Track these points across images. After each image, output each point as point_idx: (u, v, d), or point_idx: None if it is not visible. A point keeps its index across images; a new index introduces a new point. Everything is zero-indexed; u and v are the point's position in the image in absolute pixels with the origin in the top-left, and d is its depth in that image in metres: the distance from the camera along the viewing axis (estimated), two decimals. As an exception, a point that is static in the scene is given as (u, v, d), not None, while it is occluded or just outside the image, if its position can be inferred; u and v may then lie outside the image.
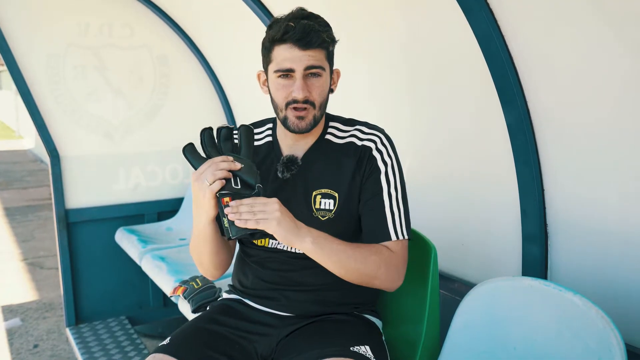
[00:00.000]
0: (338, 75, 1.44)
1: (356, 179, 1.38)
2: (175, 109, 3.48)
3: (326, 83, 1.35)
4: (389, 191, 1.37)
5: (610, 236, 1.45)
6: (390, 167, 1.38)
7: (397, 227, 1.36)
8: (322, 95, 1.34)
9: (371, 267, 1.30)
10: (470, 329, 1.43)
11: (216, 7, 2.88)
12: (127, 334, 3.12)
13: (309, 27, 1.26)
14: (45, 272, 4.65)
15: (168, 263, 2.64)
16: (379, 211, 1.37)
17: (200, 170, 1.23)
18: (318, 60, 1.30)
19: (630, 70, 1.28)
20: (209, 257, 1.39)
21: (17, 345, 3.31)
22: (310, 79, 1.31)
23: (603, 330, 1.16)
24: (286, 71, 1.29)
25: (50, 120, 3.08)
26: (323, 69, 1.32)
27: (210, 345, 1.35)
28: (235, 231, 1.18)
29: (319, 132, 1.44)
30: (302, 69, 1.29)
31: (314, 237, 1.24)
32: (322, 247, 1.25)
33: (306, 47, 1.27)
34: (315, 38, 1.27)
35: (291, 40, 1.27)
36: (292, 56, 1.28)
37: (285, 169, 1.39)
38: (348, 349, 1.28)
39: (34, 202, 7.48)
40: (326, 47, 1.32)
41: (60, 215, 3.14)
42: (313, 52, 1.28)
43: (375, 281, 1.34)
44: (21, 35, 2.95)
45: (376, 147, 1.39)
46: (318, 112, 1.34)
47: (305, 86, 1.30)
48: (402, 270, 1.38)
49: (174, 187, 3.51)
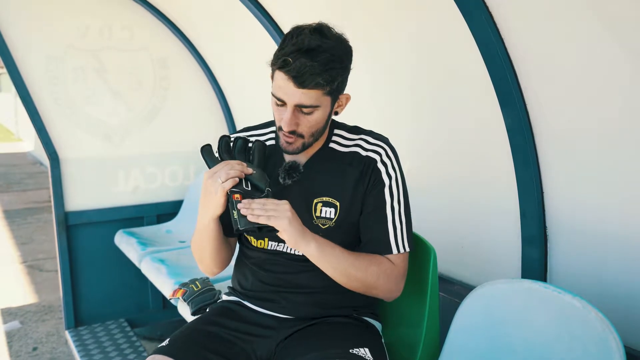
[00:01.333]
0: (347, 100, 1.39)
1: (359, 189, 1.38)
2: (174, 112, 3.48)
3: (321, 116, 1.31)
4: (392, 204, 1.38)
5: (610, 239, 1.45)
6: (394, 180, 1.38)
7: (399, 241, 1.38)
8: (314, 128, 1.32)
9: (371, 277, 1.33)
10: (469, 332, 1.44)
11: (216, 9, 2.89)
12: (127, 336, 3.12)
13: (305, 68, 1.20)
14: (44, 275, 4.64)
15: (168, 265, 2.64)
16: (382, 225, 1.38)
17: (214, 170, 1.28)
18: (311, 99, 1.25)
19: (629, 72, 1.28)
20: (210, 254, 1.42)
21: (16, 348, 3.30)
22: (301, 113, 1.28)
23: (602, 332, 1.16)
24: (279, 99, 1.28)
25: (50, 122, 3.08)
26: (316, 107, 1.28)
27: (209, 347, 1.35)
28: (244, 223, 1.22)
29: (323, 140, 1.43)
30: (293, 104, 1.26)
31: (319, 242, 1.27)
32: (326, 253, 1.28)
33: (300, 86, 1.23)
34: (309, 80, 1.22)
35: (287, 74, 1.23)
36: (286, 89, 1.24)
37: (287, 175, 1.39)
38: (347, 351, 1.29)
39: (33, 205, 7.48)
40: (322, 88, 1.25)
41: (60, 217, 3.13)
42: (307, 91, 1.24)
43: (373, 291, 1.37)
44: (21, 37, 2.95)
45: (381, 159, 1.38)
46: (308, 140, 1.34)
47: (294, 119, 1.28)
48: (401, 282, 1.40)
49: (173, 190, 3.51)
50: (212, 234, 1.37)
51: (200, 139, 3.56)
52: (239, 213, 1.22)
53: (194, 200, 3.33)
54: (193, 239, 1.47)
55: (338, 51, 1.25)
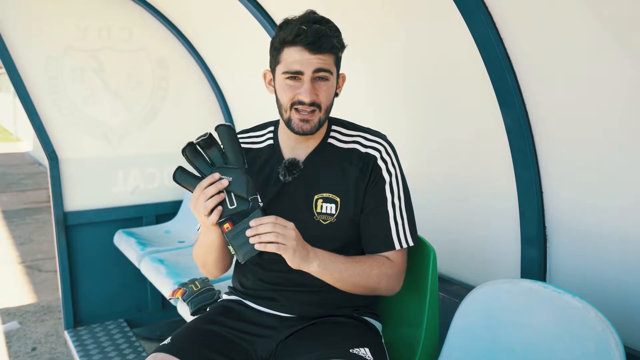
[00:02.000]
0: (343, 79, 1.44)
1: (360, 186, 1.39)
2: (173, 112, 3.48)
3: (333, 87, 1.36)
4: (393, 201, 1.39)
5: (609, 239, 1.46)
6: (394, 176, 1.40)
7: (401, 237, 1.40)
8: (329, 99, 1.36)
9: (373, 281, 1.37)
10: (469, 331, 1.44)
11: (214, 9, 2.89)
12: (126, 336, 3.12)
13: (321, 32, 1.27)
14: (43, 275, 4.64)
15: (167, 265, 2.64)
16: (384, 221, 1.39)
17: (194, 198, 1.26)
18: (327, 64, 1.31)
19: (629, 74, 1.29)
20: (213, 262, 1.43)
21: (15, 348, 3.30)
22: (318, 82, 1.32)
23: (602, 332, 1.17)
24: (295, 73, 1.31)
25: (49, 123, 3.08)
26: (331, 73, 1.33)
27: (210, 346, 1.36)
28: (243, 256, 1.21)
29: (322, 136, 1.44)
30: (311, 72, 1.30)
31: (320, 259, 1.29)
32: (327, 269, 1.30)
33: (317, 52, 1.28)
34: (326, 43, 1.28)
35: (302, 44, 1.28)
36: (302, 59, 1.29)
37: (287, 172, 1.40)
38: (348, 351, 1.29)
39: (32, 205, 7.47)
40: (336, 52, 1.33)
41: (59, 217, 3.13)
42: (323, 57, 1.30)
43: (376, 292, 1.41)
44: (20, 38, 2.95)
45: (381, 156, 1.40)
46: (323, 115, 1.36)
47: (313, 89, 1.31)
48: (401, 278, 1.44)
49: (172, 190, 3.50)
50: (215, 247, 1.37)
51: (200, 139, 3.57)
52: (236, 244, 1.21)
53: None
54: (195, 248, 1.47)
55: (334, 24, 1.35)
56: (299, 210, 1.39)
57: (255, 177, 1.44)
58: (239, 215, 1.23)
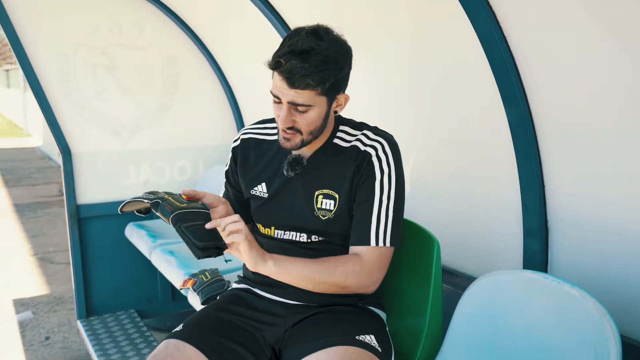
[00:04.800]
0: (346, 100, 1.43)
1: (354, 181, 1.42)
2: (183, 108, 3.53)
3: (317, 115, 1.34)
4: (381, 198, 1.40)
5: (610, 231, 1.49)
6: (387, 175, 1.40)
7: (380, 235, 1.39)
8: (311, 126, 1.36)
9: (338, 278, 1.37)
10: (471, 321, 1.48)
11: (224, 7, 2.93)
12: (137, 326, 3.18)
13: (295, 70, 1.25)
14: (55, 267, 4.72)
15: (177, 257, 2.70)
16: (366, 216, 1.40)
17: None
18: (304, 99, 1.30)
19: (629, 70, 1.32)
20: None
21: (29, 338, 3.38)
22: (296, 111, 1.33)
23: (599, 321, 1.20)
24: (275, 97, 1.34)
25: (62, 118, 3.14)
26: (310, 106, 1.32)
27: (221, 332, 1.41)
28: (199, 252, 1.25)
29: (327, 136, 1.48)
30: (287, 102, 1.31)
31: (275, 259, 1.34)
32: (285, 267, 1.34)
33: (291, 87, 1.28)
34: (299, 82, 1.26)
35: (280, 75, 1.28)
36: (281, 87, 1.30)
37: (290, 168, 1.45)
38: (353, 337, 1.34)
39: (43, 199, 7.57)
40: (313, 88, 1.28)
41: (72, 210, 3.20)
42: (300, 91, 1.29)
43: (347, 289, 1.41)
44: (34, 35, 3.01)
45: (377, 153, 1.41)
46: (307, 136, 1.38)
47: (290, 116, 1.33)
48: (375, 276, 1.42)
49: (182, 184, 3.56)
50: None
51: (209, 135, 3.63)
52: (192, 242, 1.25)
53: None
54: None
55: (332, 52, 1.28)
56: (299, 205, 1.44)
57: (265, 169, 1.49)
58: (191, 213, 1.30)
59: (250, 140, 1.56)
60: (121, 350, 2.88)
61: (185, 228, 1.26)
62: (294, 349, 1.36)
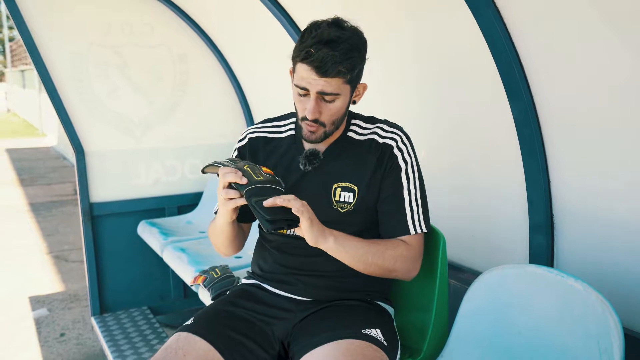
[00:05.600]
0: (364, 89, 1.46)
1: (377, 175, 1.45)
2: (193, 106, 3.57)
3: (341, 104, 1.38)
4: (409, 188, 1.45)
5: (616, 226, 1.50)
6: (410, 165, 1.46)
7: (416, 222, 1.45)
8: (335, 116, 1.39)
9: (388, 262, 1.41)
10: (476, 315, 1.49)
11: (234, 6, 2.96)
12: (150, 323, 3.23)
13: (327, 58, 1.28)
14: (69, 265, 4.80)
15: (188, 254, 2.74)
16: (399, 208, 1.45)
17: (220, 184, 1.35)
18: (333, 87, 1.33)
19: (632, 64, 1.33)
20: (224, 243, 1.54)
21: (44, 334, 3.44)
22: (322, 102, 1.36)
23: (602, 314, 1.21)
24: (302, 89, 1.35)
25: (75, 117, 3.19)
26: (337, 95, 1.35)
27: (231, 326, 1.44)
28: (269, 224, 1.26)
29: (342, 130, 1.50)
30: (316, 92, 1.33)
31: (336, 236, 1.34)
32: (343, 245, 1.36)
33: (322, 75, 1.30)
34: (331, 69, 1.29)
35: (310, 64, 1.30)
36: (309, 78, 1.32)
37: (308, 162, 1.47)
38: (360, 331, 1.36)
39: (58, 198, 7.67)
40: (344, 75, 1.32)
41: (85, 208, 3.25)
42: (329, 80, 1.31)
43: (392, 273, 1.45)
44: (47, 35, 3.06)
45: (397, 145, 1.46)
46: (329, 128, 1.41)
47: (317, 107, 1.35)
48: (418, 261, 1.48)
49: (193, 182, 3.60)
50: (228, 231, 1.49)
51: (219, 133, 3.67)
52: (263, 216, 1.26)
53: (213, 192, 3.41)
54: (211, 226, 1.57)
55: (355, 41, 1.33)
56: (318, 198, 1.45)
57: (276, 166, 1.51)
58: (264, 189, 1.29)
59: (259, 138, 1.58)
60: (134, 347, 2.93)
61: (255, 202, 1.26)
62: (301, 343, 1.38)
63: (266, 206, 1.25)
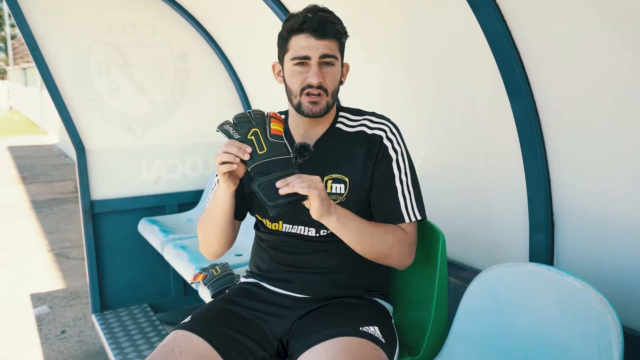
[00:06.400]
0: (347, 68, 1.53)
1: (368, 165, 1.46)
2: (195, 104, 3.57)
3: (338, 72, 1.45)
4: (401, 177, 1.47)
5: (616, 225, 1.49)
6: (400, 154, 1.48)
7: (410, 210, 1.47)
8: (335, 83, 1.44)
9: (386, 245, 1.42)
10: (476, 313, 1.49)
11: (234, 3, 2.96)
12: (150, 320, 3.23)
13: (325, 19, 1.38)
14: (70, 262, 4.80)
15: (189, 252, 2.74)
16: (392, 197, 1.46)
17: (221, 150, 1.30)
18: (332, 50, 1.40)
19: (632, 63, 1.32)
20: (217, 233, 1.48)
21: (45, 331, 3.45)
22: (324, 67, 1.41)
23: (601, 313, 1.21)
24: (302, 58, 1.39)
25: (77, 115, 3.19)
26: (336, 59, 1.42)
27: (228, 324, 1.44)
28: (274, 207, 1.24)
29: (330, 121, 1.52)
30: (318, 56, 1.39)
31: (339, 214, 1.34)
32: (345, 224, 1.35)
33: (322, 37, 1.38)
34: (330, 29, 1.38)
35: (308, 30, 1.37)
36: (309, 45, 1.38)
37: (299, 155, 1.47)
38: (358, 329, 1.36)
39: (59, 196, 7.68)
40: (339, 38, 1.42)
41: (86, 206, 3.25)
42: (328, 42, 1.39)
43: (388, 259, 1.45)
44: (49, 34, 3.06)
45: (386, 135, 1.48)
46: (330, 99, 1.44)
47: (320, 73, 1.40)
48: (413, 249, 1.49)
49: (194, 180, 3.60)
50: (223, 212, 1.43)
51: (220, 130, 3.64)
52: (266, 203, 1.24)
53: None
54: (201, 220, 1.54)
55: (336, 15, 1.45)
56: None
57: None
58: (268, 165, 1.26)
59: None
60: (135, 344, 2.93)
61: (259, 187, 1.24)
62: (300, 341, 1.39)
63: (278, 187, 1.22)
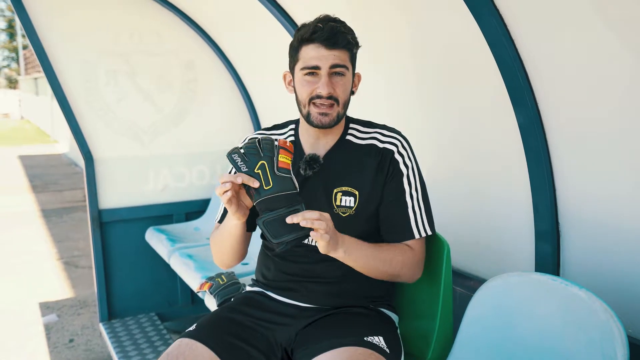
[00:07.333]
0: (359, 78, 1.52)
1: (378, 179, 1.46)
2: (201, 112, 3.59)
3: (349, 82, 1.44)
4: (411, 192, 1.46)
5: (622, 233, 1.48)
6: (411, 169, 1.48)
7: (420, 226, 1.47)
8: (345, 93, 1.43)
9: (396, 268, 1.43)
10: (481, 322, 1.48)
11: (240, 12, 2.98)
12: (157, 329, 3.24)
13: (336, 29, 1.37)
14: (79, 271, 4.83)
15: (195, 261, 2.75)
16: (403, 212, 1.46)
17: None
18: (342, 60, 1.40)
19: (636, 70, 1.32)
20: (229, 251, 1.50)
21: (54, 340, 3.47)
22: (334, 77, 1.40)
23: (606, 322, 1.20)
24: (312, 68, 1.39)
25: (85, 124, 3.22)
26: (347, 69, 1.41)
27: (233, 333, 1.44)
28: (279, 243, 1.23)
29: (340, 133, 1.52)
30: (328, 67, 1.38)
31: (346, 246, 1.32)
32: (352, 254, 1.34)
33: (332, 47, 1.37)
34: (341, 39, 1.38)
35: (319, 40, 1.37)
36: (319, 55, 1.38)
37: (308, 167, 1.47)
38: (362, 338, 1.35)
39: (68, 204, 7.74)
40: (350, 48, 1.42)
41: (94, 215, 3.27)
42: (338, 52, 1.39)
43: (397, 278, 1.47)
44: (57, 43, 3.09)
45: (398, 150, 1.47)
46: (341, 109, 1.43)
47: (330, 83, 1.39)
48: (422, 264, 1.50)
49: (201, 189, 3.62)
50: (232, 237, 1.44)
51: (227, 139, 3.68)
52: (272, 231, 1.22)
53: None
54: (213, 236, 1.55)
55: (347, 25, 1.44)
56: (319, 203, 1.45)
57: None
58: (274, 200, 1.24)
59: None
60: (142, 353, 2.94)
61: (264, 223, 1.23)
62: (304, 350, 1.39)
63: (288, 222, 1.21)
